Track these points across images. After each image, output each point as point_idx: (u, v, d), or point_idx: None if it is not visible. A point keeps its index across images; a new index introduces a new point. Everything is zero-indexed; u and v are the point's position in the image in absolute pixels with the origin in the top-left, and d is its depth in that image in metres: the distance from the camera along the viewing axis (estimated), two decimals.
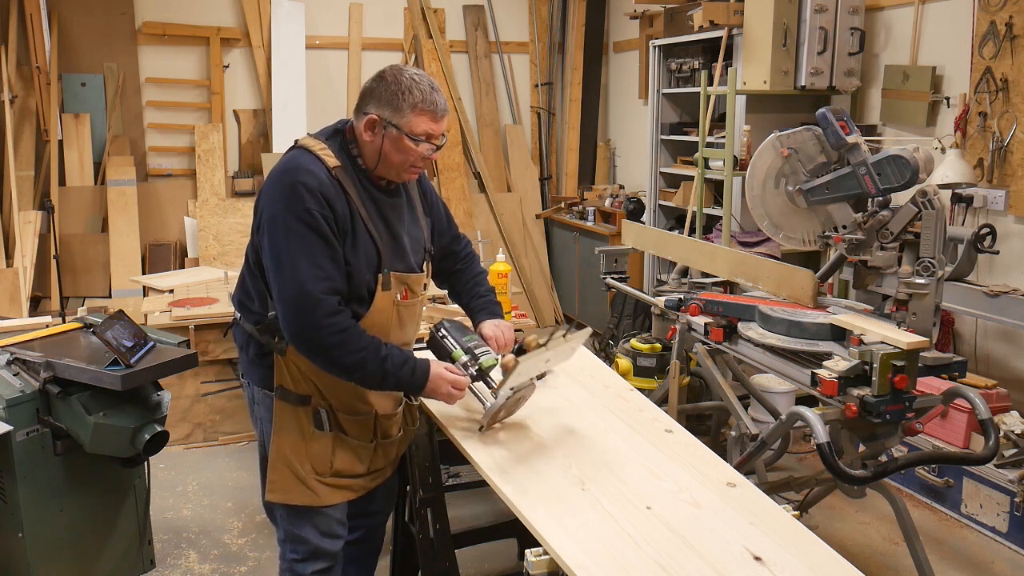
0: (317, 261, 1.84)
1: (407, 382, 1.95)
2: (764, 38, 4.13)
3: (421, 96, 1.88)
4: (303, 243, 1.83)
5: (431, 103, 1.89)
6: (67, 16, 5.26)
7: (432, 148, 1.93)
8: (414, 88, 1.88)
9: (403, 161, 1.92)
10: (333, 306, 1.84)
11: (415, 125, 1.88)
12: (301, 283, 1.82)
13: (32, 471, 2.42)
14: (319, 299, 1.82)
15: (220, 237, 5.34)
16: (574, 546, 1.55)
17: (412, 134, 1.88)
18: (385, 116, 1.89)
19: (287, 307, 1.85)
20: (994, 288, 3.13)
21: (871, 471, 2.21)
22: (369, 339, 1.89)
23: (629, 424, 2.10)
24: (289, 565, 2.12)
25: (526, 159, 6.40)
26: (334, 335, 1.83)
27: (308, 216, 1.83)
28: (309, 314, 1.82)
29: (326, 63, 5.90)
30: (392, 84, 1.89)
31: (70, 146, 5.25)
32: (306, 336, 1.85)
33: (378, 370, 1.89)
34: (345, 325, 1.85)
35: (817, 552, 1.54)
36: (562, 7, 6.45)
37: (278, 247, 1.85)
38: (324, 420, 2.01)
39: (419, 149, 1.91)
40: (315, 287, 1.82)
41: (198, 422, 4.04)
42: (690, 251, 3.14)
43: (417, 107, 1.87)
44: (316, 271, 1.83)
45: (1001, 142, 3.47)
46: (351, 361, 1.86)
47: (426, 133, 1.90)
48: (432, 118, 1.90)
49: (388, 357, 1.89)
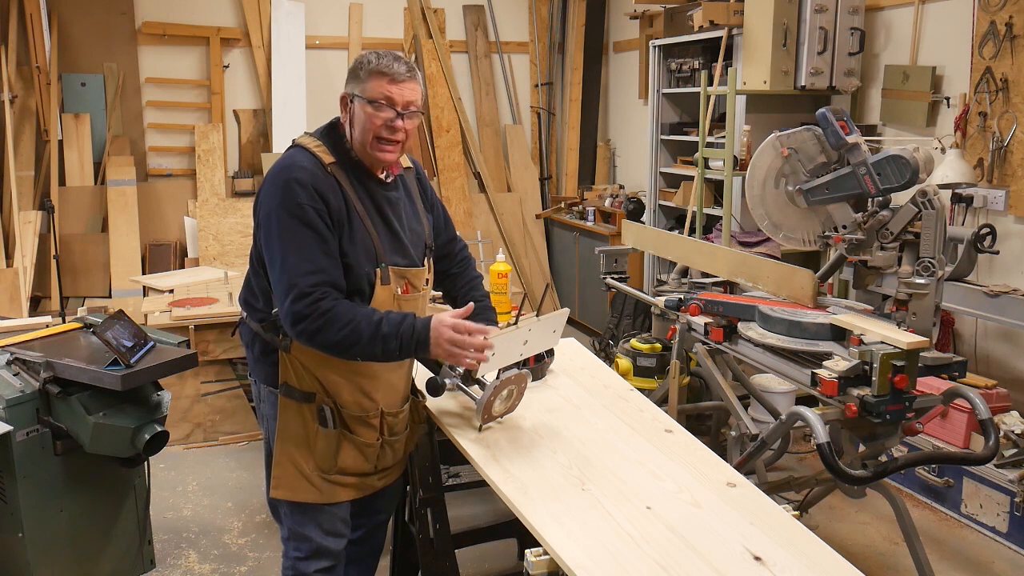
0: (307, 255, 1.86)
1: (409, 339, 1.89)
2: (764, 38, 4.13)
3: (377, 61, 1.91)
4: (294, 238, 1.86)
5: (387, 67, 1.91)
6: (67, 16, 5.26)
7: (395, 116, 1.92)
8: (371, 57, 1.93)
9: (367, 131, 1.93)
10: (317, 295, 1.85)
11: (371, 90, 1.91)
12: (290, 278, 1.86)
13: (32, 471, 2.43)
14: (305, 292, 1.84)
15: (220, 237, 5.34)
16: (574, 546, 1.55)
17: (370, 99, 1.90)
18: (349, 90, 1.95)
19: (279, 301, 1.90)
20: (994, 288, 3.13)
21: (871, 471, 2.21)
22: (358, 311, 1.87)
23: (629, 424, 2.10)
24: (292, 563, 2.12)
25: (526, 159, 6.40)
26: (317, 319, 1.84)
27: (299, 210, 1.86)
28: (295, 306, 1.85)
29: (326, 63, 5.90)
30: (356, 62, 1.96)
31: (70, 146, 5.25)
32: (297, 327, 1.87)
33: (374, 334, 1.86)
34: (327, 307, 1.85)
35: (817, 552, 1.54)
36: (562, 7, 6.45)
37: (272, 243, 1.89)
38: (328, 417, 2.01)
39: (381, 115, 1.91)
40: (303, 280, 1.85)
41: (198, 422, 4.04)
42: (690, 251, 3.14)
43: (373, 72, 1.91)
44: (306, 264, 1.86)
45: (1001, 142, 3.47)
46: (340, 338, 1.85)
47: (384, 96, 1.90)
48: (388, 80, 1.91)
49: (383, 320, 1.88)
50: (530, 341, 2.07)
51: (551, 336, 2.18)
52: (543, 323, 2.07)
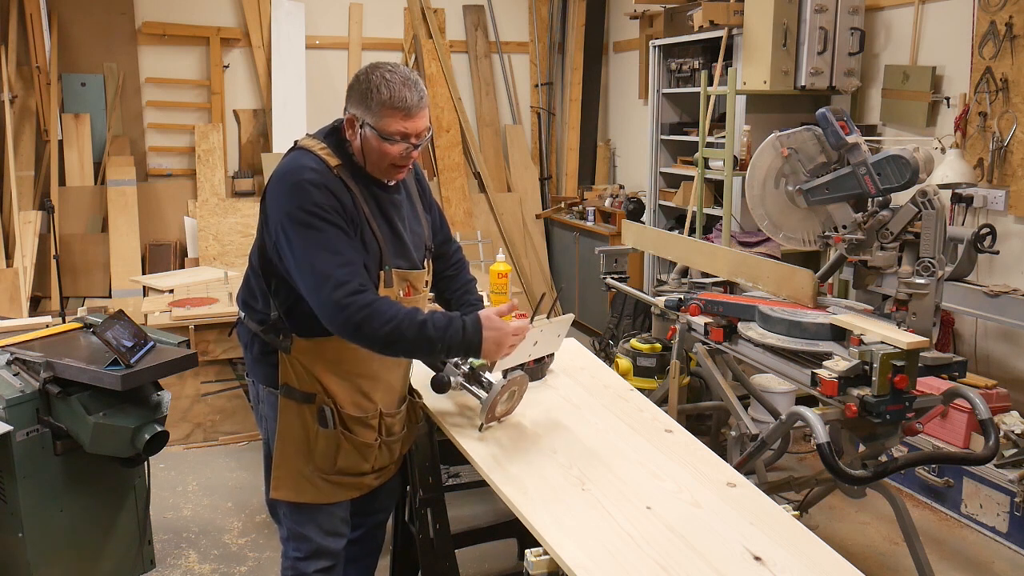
0: (335, 248, 1.83)
1: (459, 343, 1.88)
2: (764, 38, 4.13)
3: (390, 94, 1.84)
4: (318, 236, 1.83)
5: (400, 100, 1.84)
6: (67, 16, 5.26)
7: (410, 147, 1.90)
8: (383, 86, 1.84)
9: (381, 160, 1.91)
10: (355, 286, 1.82)
11: (386, 124, 1.86)
12: (321, 271, 1.81)
13: (32, 471, 2.43)
14: (340, 281, 1.81)
15: (220, 237, 5.34)
16: (574, 546, 1.55)
17: (385, 133, 1.86)
18: (359, 115, 1.88)
19: (314, 298, 1.84)
20: (994, 288, 3.13)
21: (871, 471, 2.21)
22: (400, 308, 1.85)
23: (629, 424, 2.10)
24: (291, 563, 2.12)
25: (526, 159, 6.40)
26: (360, 311, 1.81)
27: (318, 209, 1.83)
28: (332, 297, 1.81)
29: (326, 63, 5.90)
30: (364, 83, 1.87)
31: (70, 146, 5.25)
32: (337, 320, 1.83)
33: (419, 335, 1.84)
34: (369, 300, 1.82)
35: (817, 552, 1.55)
36: (562, 7, 6.45)
37: (294, 246, 1.84)
38: (328, 418, 2.00)
39: (395, 148, 1.88)
40: (338, 272, 1.81)
41: (198, 422, 4.04)
42: (690, 251, 3.14)
43: (386, 105, 1.84)
44: (335, 257, 1.82)
45: (1001, 142, 3.47)
46: (385, 332, 1.82)
47: (399, 132, 1.87)
48: (404, 116, 1.86)
49: (428, 321, 1.86)
50: (539, 343, 2.10)
51: (556, 340, 2.21)
52: (553, 326, 2.09)
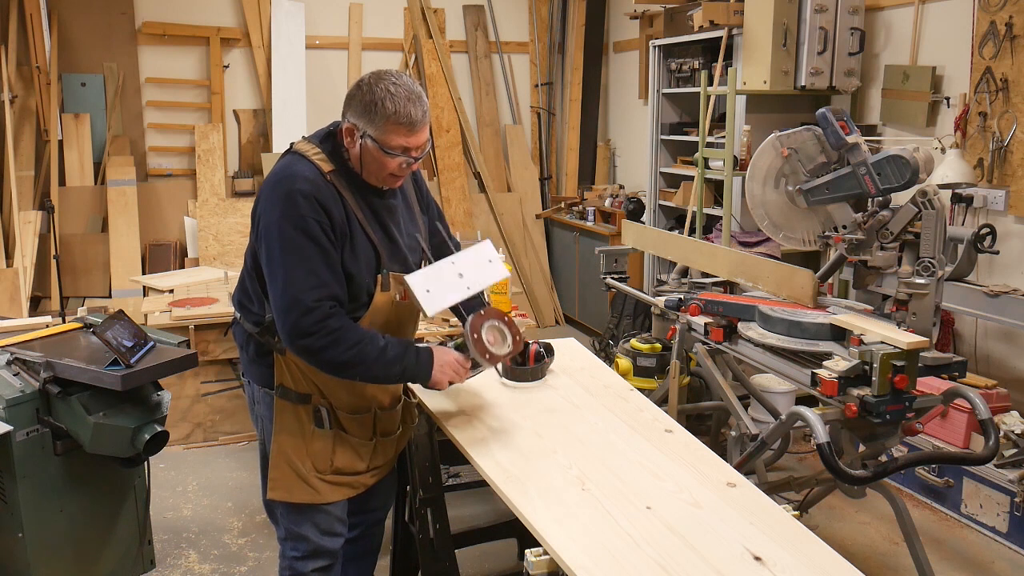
0: (312, 268, 1.84)
1: (412, 369, 1.94)
2: (764, 38, 4.13)
3: (394, 109, 1.82)
4: (299, 252, 1.83)
5: (405, 116, 1.83)
6: (67, 16, 5.26)
7: (410, 160, 1.90)
8: (388, 100, 1.83)
9: (380, 170, 1.91)
10: (325, 311, 1.84)
11: (389, 139, 1.85)
12: (294, 292, 1.83)
13: (32, 471, 2.42)
14: (310, 307, 1.82)
15: (220, 237, 5.34)
16: (574, 546, 1.55)
17: (386, 147, 1.86)
18: (360, 126, 1.87)
19: (280, 315, 1.86)
20: (994, 288, 3.13)
21: (871, 471, 2.21)
22: (364, 333, 1.88)
23: (629, 424, 2.10)
24: (289, 563, 2.13)
25: (526, 159, 6.40)
26: (324, 337, 1.83)
27: (304, 223, 1.83)
28: (300, 321, 1.82)
29: (326, 63, 5.90)
30: (367, 93, 1.85)
31: (70, 146, 5.25)
32: (299, 343, 1.85)
33: (378, 361, 1.88)
34: (336, 326, 1.84)
35: (817, 552, 1.54)
36: (562, 7, 6.45)
37: (274, 256, 1.85)
38: (324, 418, 2.01)
39: (396, 161, 1.88)
40: (307, 296, 1.82)
41: (198, 422, 4.04)
42: (690, 251, 3.14)
43: (390, 120, 1.83)
44: (311, 279, 1.83)
45: (1001, 142, 3.47)
46: (346, 358, 1.85)
47: (401, 147, 1.87)
48: (407, 131, 1.85)
49: (387, 346, 1.89)
50: (465, 275, 2.04)
51: (489, 267, 2.12)
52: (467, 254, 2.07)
